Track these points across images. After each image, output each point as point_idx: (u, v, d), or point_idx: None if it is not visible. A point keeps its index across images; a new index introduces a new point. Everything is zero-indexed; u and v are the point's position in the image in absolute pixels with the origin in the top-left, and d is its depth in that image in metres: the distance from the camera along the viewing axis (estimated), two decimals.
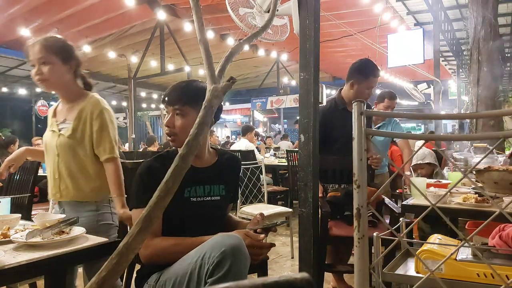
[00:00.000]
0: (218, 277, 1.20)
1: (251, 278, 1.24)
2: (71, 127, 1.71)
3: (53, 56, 1.69)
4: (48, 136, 1.79)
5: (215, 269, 1.20)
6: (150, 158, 1.52)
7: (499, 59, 5.11)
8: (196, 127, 0.62)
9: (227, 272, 1.20)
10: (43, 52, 1.67)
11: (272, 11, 1.23)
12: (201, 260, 1.24)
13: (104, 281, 0.50)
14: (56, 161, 1.73)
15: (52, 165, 1.76)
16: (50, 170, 1.77)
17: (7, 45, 8.84)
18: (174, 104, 1.48)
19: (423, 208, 1.89)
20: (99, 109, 1.73)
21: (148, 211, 0.54)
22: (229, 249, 1.22)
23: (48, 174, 1.80)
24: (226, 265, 1.20)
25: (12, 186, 3.05)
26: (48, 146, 1.78)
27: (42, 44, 1.69)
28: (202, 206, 1.52)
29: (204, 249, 1.26)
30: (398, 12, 7.93)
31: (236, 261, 1.22)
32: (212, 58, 0.72)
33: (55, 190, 1.75)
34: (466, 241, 0.66)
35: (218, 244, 1.24)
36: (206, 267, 1.22)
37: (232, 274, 1.20)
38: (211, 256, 1.22)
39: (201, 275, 1.24)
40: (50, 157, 1.77)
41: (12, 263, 1.13)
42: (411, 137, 3.25)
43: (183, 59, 8.80)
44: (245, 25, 2.90)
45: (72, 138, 1.71)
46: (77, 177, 1.73)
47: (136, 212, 1.47)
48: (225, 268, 1.20)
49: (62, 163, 1.73)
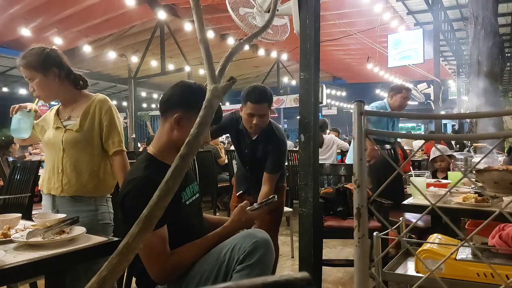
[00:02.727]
0: (247, 264, 1.23)
1: None
2: (78, 122, 1.75)
3: (33, 72, 1.73)
4: (51, 133, 1.81)
5: (245, 258, 1.24)
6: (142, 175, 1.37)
7: (499, 59, 5.11)
8: (196, 127, 0.62)
9: (257, 261, 1.23)
10: (25, 71, 1.73)
11: (272, 11, 1.23)
12: (231, 252, 1.27)
13: (104, 281, 0.50)
14: (60, 156, 1.75)
15: (54, 160, 1.77)
16: (52, 165, 1.78)
17: (7, 45, 8.84)
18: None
19: (423, 208, 1.89)
20: (108, 106, 1.81)
21: (149, 211, 0.54)
22: (261, 240, 1.27)
23: (47, 169, 1.81)
24: (257, 255, 1.24)
25: (12, 186, 3.05)
26: (50, 142, 1.80)
27: (22, 63, 1.73)
28: (193, 206, 1.53)
29: (234, 241, 1.29)
30: (398, 12, 7.93)
31: (267, 253, 1.26)
32: (212, 58, 0.72)
33: (58, 184, 1.75)
34: (466, 240, 0.67)
35: (251, 235, 1.28)
36: (236, 257, 1.25)
37: (261, 265, 1.24)
38: (242, 246, 1.25)
39: (230, 265, 1.26)
40: (52, 153, 1.79)
41: (13, 262, 1.13)
42: (411, 136, 3.24)
43: (183, 59, 8.81)
44: (245, 25, 2.90)
45: (79, 132, 1.74)
46: (81, 171, 1.75)
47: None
48: (255, 257, 1.23)
49: (67, 158, 1.75)
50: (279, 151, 2.36)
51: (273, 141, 2.35)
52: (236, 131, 2.42)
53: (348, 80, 17.48)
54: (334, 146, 5.78)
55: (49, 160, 1.81)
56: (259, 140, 2.36)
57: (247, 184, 2.53)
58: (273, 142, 2.35)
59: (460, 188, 2.18)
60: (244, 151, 2.44)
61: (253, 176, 2.45)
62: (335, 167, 3.19)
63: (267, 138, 2.35)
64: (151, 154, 1.47)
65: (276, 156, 2.33)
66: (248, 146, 2.40)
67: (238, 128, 2.39)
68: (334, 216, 2.68)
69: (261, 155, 2.34)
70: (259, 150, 2.36)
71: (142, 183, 1.32)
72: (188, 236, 1.42)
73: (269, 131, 2.36)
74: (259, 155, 2.35)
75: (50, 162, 1.80)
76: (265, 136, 2.35)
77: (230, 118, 2.44)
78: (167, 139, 1.45)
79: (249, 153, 2.41)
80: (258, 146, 2.36)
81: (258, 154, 2.37)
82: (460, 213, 1.85)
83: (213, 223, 1.67)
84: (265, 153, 2.33)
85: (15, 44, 8.44)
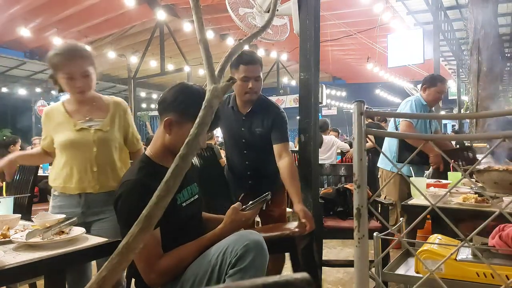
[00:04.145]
0: (239, 268, 1.21)
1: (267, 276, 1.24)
2: (105, 122, 1.84)
3: (90, 67, 1.79)
4: (72, 134, 1.81)
5: (237, 261, 1.22)
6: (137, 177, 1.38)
7: (499, 59, 5.11)
8: (196, 127, 0.62)
9: (249, 265, 1.21)
10: (83, 66, 1.75)
11: (272, 11, 1.23)
12: (222, 255, 1.25)
13: (104, 281, 0.50)
14: (93, 155, 1.79)
15: (83, 160, 1.80)
16: (82, 165, 1.80)
17: (7, 45, 8.85)
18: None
19: (423, 208, 1.89)
20: (127, 107, 1.96)
21: (149, 211, 0.54)
22: (253, 243, 1.24)
23: (74, 170, 1.80)
24: (248, 258, 1.22)
25: (12, 186, 3.05)
26: (75, 143, 1.80)
27: (83, 57, 1.77)
28: (190, 208, 1.51)
29: (225, 244, 1.27)
30: (398, 12, 7.93)
31: (259, 255, 1.24)
32: (212, 58, 0.72)
33: (94, 182, 1.79)
34: (466, 241, 0.66)
35: (242, 238, 1.26)
36: (228, 260, 1.23)
37: (253, 268, 1.22)
38: (234, 249, 1.23)
39: (222, 269, 1.25)
40: (78, 154, 1.80)
41: (12, 263, 1.13)
42: (411, 137, 3.24)
43: (183, 59, 8.81)
44: (245, 25, 2.90)
45: (109, 132, 1.84)
46: (114, 168, 1.84)
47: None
48: (247, 261, 1.21)
49: (101, 156, 1.80)
50: (282, 120, 2.16)
51: (271, 111, 2.17)
52: (227, 112, 2.21)
53: (348, 80, 17.49)
54: (334, 147, 5.78)
55: (76, 160, 1.80)
56: (255, 111, 2.16)
57: (247, 184, 2.23)
58: (272, 112, 2.16)
59: (460, 189, 2.18)
60: (240, 131, 2.19)
61: (256, 169, 2.20)
62: (335, 167, 3.19)
63: (263, 109, 2.17)
64: (148, 155, 1.47)
65: (281, 125, 2.14)
66: (244, 124, 2.18)
67: (229, 107, 2.21)
68: (334, 216, 2.67)
69: (260, 132, 2.14)
70: (257, 125, 2.15)
71: (132, 186, 1.34)
72: (183, 238, 1.40)
73: (264, 100, 2.21)
74: (259, 132, 2.15)
75: (79, 163, 1.79)
76: (260, 106, 2.17)
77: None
78: (161, 142, 1.45)
79: (247, 132, 2.18)
80: (255, 120, 2.16)
81: (257, 130, 2.15)
82: (460, 214, 1.84)
83: (212, 223, 1.65)
84: (265, 129, 2.14)
85: (15, 44, 8.44)
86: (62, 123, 1.84)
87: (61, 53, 1.75)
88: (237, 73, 2.07)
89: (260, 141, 2.15)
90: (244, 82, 2.07)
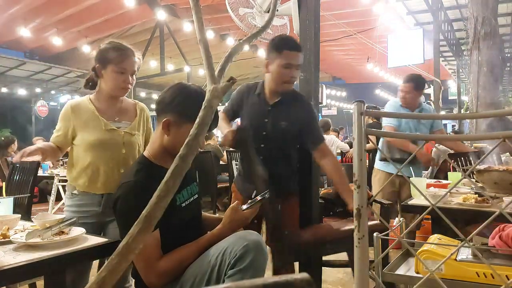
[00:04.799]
0: (239, 269, 1.21)
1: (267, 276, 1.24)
2: (133, 126, 1.90)
3: (136, 65, 1.89)
4: (100, 134, 1.81)
5: (236, 262, 1.22)
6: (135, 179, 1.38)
7: (499, 59, 5.11)
8: (196, 127, 0.62)
9: (249, 265, 1.21)
10: (136, 66, 1.87)
11: (272, 11, 1.23)
12: (221, 256, 1.25)
13: (104, 281, 0.50)
14: (121, 156, 1.82)
15: (114, 160, 1.81)
16: (109, 165, 1.80)
17: (7, 45, 8.85)
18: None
19: (423, 209, 1.89)
20: (149, 113, 2.02)
21: (148, 211, 0.54)
22: (252, 243, 1.24)
23: (100, 170, 1.80)
24: (248, 258, 1.21)
25: (12, 186, 3.05)
26: (104, 143, 1.81)
27: (135, 59, 1.87)
28: (190, 209, 1.50)
29: (225, 245, 1.27)
30: (398, 12, 7.94)
31: (258, 256, 1.24)
32: (212, 58, 0.72)
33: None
34: (466, 241, 0.66)
35: (241, 239, 1.26)
36: (227, 261, 1.23)
37: (252, 268, 1.22)
38: (233, 250, 1.23)
39: (221, 270, 1.25)
40: (105, 154, 1.81)
41: (12, 263, 1.13)
42: (411, 137, 3.24)
43: (183, 59, 8.80)
44: (245, 25, 2.90)
45: (136, 136, 1.90)
46: None
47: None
48: (246, 261, 1.21)
49: (130, 157, 1.84)
50: (314, 118, 2.01)
51: (302, 105, 1.98)
52: (252, 100, 2.02)
53: (348, 80, 17.49)
54: (334, 147, 5.78)
55: (103, 161, 1.79)
56: (283, 102, 1.97)
57: (263, 183, 1.73)
58: (302, 107, 1.97)
59: (460, 189, 2.18)
60: (263, 121, 1.97)
61: (269, 168, 1.79)
62: None
63: (293, 101, 1.97)
64: (146, 156, 1.47)
65: (313, 126, 1.98)
66: (269, 114, 1.97)
67: (256, 94, 2.01)
68: (334, 217, 2.67)
69: (286, 125, 1.94)
70: (283, 118, 1.95)
71: (131, 188, 1.34)
72: (183, 238, 1.40)
73: (293, 91, 2.02)
74: (284, 126, 1.94)
75: (106, 163, 1.79)
76: (290, 97, 1.97)
77: (243, 90, 2.08)
78: (159, 142, 1.44)
79: (270, 123, 1.96)
80: (282, 112, 1.96)
81: (282, 123, 1.94)
82: (460, 214, 1.84)
83: (211, 223, 1.65)
84: (290, 123, 1.94)
85: (15, 44, 8.45)
86: (90, 121, 1.82)
87: (120, 48, 1.83)
88: (279, 58, 1.89)
89: (282, 136, 1.96)
90: (285, 69, 1.89)
